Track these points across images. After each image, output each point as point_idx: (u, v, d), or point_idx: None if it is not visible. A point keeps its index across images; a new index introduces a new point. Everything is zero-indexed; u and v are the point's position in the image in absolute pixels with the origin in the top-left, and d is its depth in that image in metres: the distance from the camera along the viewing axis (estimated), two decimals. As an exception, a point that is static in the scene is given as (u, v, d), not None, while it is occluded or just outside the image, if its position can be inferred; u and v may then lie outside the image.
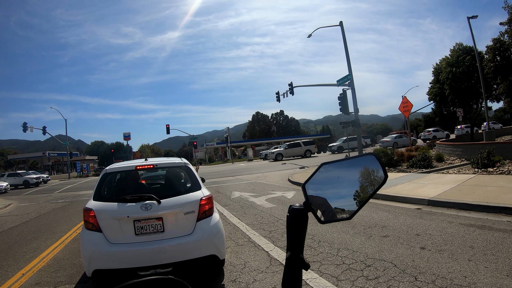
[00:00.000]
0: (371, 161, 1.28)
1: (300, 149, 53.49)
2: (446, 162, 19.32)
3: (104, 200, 6.19)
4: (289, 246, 1.23)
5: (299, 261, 1.19)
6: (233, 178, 28.56)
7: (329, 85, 34.70)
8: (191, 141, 78.98)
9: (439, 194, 10.90)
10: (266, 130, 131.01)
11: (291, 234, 1.22)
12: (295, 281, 1.22)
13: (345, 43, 31.15)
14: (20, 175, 49.50)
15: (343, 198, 1.25)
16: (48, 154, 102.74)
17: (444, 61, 41.52)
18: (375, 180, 1.25)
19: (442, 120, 70.27)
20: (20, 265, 8.39)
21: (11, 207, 22.58)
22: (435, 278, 5.15)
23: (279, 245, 7.85)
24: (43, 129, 58.46)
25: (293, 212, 1.22)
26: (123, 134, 74.02)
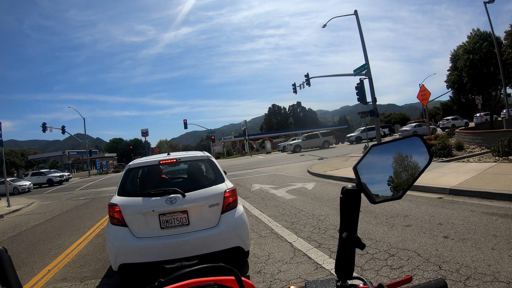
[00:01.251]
0: (417, 143, 1.32)
1: (318, 140, 53.13)
2: (466, 150, 19.12)
3: (129, 195, 6.28)
4: (343, 226, 1.25)
5: (355, 241, 1.23)
6: (252, 170, 28.62)
7: (345, 75, 34.49)
8: (208, 135, 79.16)
9: (460, 183, 10.86)
10: (283, 122, 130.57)
11: (346, 215, 1.25)
12: (350, 261, 1.26)
13: (360, 32, 30.90)
14: (43, 173, 50.31)
15: (378, 184, 1.29)
16: (67, 153, 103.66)
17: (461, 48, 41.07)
18: (408, 166, 1.29)
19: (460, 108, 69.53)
20: (46, 262, 8.57)
21: (34, 206, 22.97)
22: (459, 267, 5.16)
23: (302, 236, 7.91)
24: (62, 129, 58.95)
25: (347, 193, 1.25)
26: (141, 131, 74.45)
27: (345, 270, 1.27)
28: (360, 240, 1.22)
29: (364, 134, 45.23)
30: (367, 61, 30.12)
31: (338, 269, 1.28)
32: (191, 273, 1.31)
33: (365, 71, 29.99)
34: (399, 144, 1.33)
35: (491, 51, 33.89)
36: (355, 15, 31.10)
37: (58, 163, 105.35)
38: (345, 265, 1.27)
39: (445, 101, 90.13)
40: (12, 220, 17.49)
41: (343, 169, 19.63)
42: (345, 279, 1.28)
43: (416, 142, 1.32)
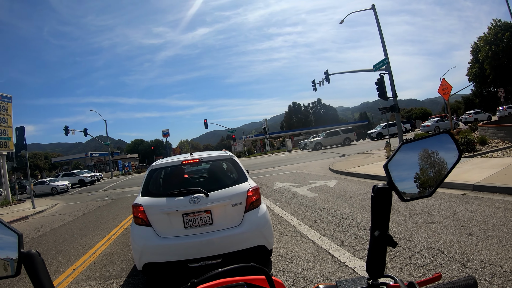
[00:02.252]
0: (446, 139, 1.32)
1: (339, 137, 52.85)
2: (489, 145, 18.77)
3: (152, 195, 6.35)
4: (375, 224, 1.27)
5: (387, 239, 1.24)
6: (274, 169, 28.67)
7: (365, 70, 34.21)
8: (229, 135, 79.42)
9: (484, 178, 10.73)
10: (304, 120, 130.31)
11: (377, 213, 1.26)
12: (381, 259, 1.27)
13: (379, 26, 30.62)
14: (75, 174, 51.07)
15: (405, 181, 1.29)
16: (90, 155, 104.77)
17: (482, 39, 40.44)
18: (435, 162, 1.29)
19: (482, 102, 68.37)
20: (71, 261, 8.76)
21: (58, 207, 23.40)
22: (484, 265, 5.11)
23: (324, 234, 7.91)
24: (84, 131, 59.69)
25: (378, 192, 1.25)
26: (162, 131, 75.17)
27: (376, 268, 1.29)
28: (392, 238, 1.24)
29: (385, 130, 44.92)
30: (386, 56, 29.87)
31: (369, 267, 1.30)
32: (223, 273, 1.34)
33: (384, 66, 29.74)
34: (429, 141, 1.33)
35: (514, 42, 33.25)
36: (372, 9, 30.83)
37: (81, 165, 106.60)
38: (377, 263, 1.28)
39: (467, 95, 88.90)
40: (36, 221, 17.85)
41: (365, 166, 19.54)
42: (376, 277, 1.29)
43: (445, 138, 1.32)
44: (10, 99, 28.34)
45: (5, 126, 27.39)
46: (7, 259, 1.28)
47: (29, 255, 1.24)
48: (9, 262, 1.28)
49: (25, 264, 1.24)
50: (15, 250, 1.27)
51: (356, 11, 34.93)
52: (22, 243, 1.28)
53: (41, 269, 1.24)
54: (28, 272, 1.23)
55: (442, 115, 61.07)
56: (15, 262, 1.26)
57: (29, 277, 1.21)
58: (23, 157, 25.68)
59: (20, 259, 1.26)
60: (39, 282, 1.22)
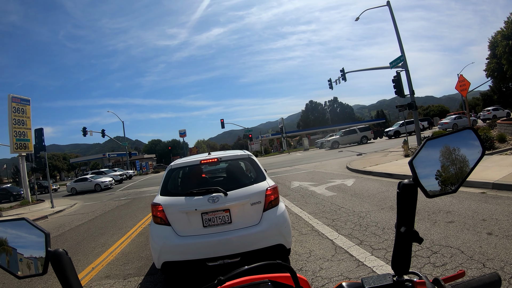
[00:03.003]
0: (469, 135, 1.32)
1: (356, 135, 52.65)
2: (509, 142, 18.50)
3: (171, 194, 6.40)
4: (401, 221, 1.27)
5: (413, 235, 1.24)
6: (291, 168, 28.66)
7: (381, 68, 33.94)
8: (246, 134, 79.57)
9: (504, 176, 10.59)
10: (321, 118, 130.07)
11: (403, 209, 1.27)
12: (407, 255, 1.28)
13: (394, 23, 30.36)
14: (104, 173, 51.08)
15: (427, 178, 1.29)
16: (108, 155, 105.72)
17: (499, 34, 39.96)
18: (456, 159, 1.29)
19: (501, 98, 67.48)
20: (90, 260, 8.89)
21: (77, 207, 23.70)
22: (503, 264, 5.07)
23: (343, 233, 7.91)
24: (102, 132, 60.32)
25: (404, 188, 1.26)
26: (179, 132, 75.62)
27: (401, 264, 1.29)
28: (418, 234, 1.25)
29: (403, 128, 44.57)
30: (402, 52, 29.62)
31: (395, 264, 1.31)
32: (249, 270, 1.36)
33: (401, 63, 29.49)
34: (453, 137, 1.33)
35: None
36: (388, 6, 30.58)
37: (99, 165, 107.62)
38: (402, 260, 1.29)
39: (485, 91, 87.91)
40: (56, 220, 18.12)
41: (382, 165, 19.42)
42: (401, 273, 1.30)
43: (468, 134, 1.32)
44: (28, 101, 28.69)
45: (24, 128, 27.75)
46: (30, 258, 1.30)
47: (56, 254, 1.27)
48: (32, 261, 1.30)
49: (52, 262, 1.27)
50: (42, 249, 1.30)
51: (371, 8, 34.68)
52: (49, 242, 1.31)
53: (68, 267, 1.26)
54: (55, 270, 1.26)
55: (460, 112, 60.46)
56: (39, 261, 1.30)
57: (56, 276, 1.25)
58: (42, 158, 26.01)
59: (47, 258, 1.29)
60: (66, 280, 1.25)
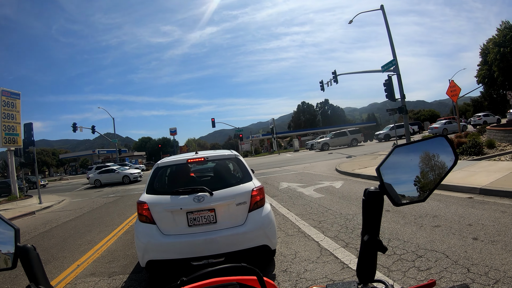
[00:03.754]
0: (441, 143, 1.30)
1: (346, 138, 52.66)
2: (497, 148, 18.66)
3: (157, 193, 6.37)
4: (366, 229, 1.25)
5: (377, 244, 1.22)
6: (280, 169, 28.69)
7: (373, 71, 34.13)
8: (236, 134, 79.58)
9: (491, 182, 10.62)
10: (311, 120, 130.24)
11: (368, 217, 1.24)
12: (371, 264, 1.26)
13: (387, 27, 30.54)
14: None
15: (404, 184, 1.28)
16: (97, 152, 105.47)
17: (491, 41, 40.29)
18: (435, 166, 1.28)
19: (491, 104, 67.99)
20: (75, 257, 8.82)
21: (65, 203, 23.56)
22: (488, 270, 5.07)
23: (329, 235, 7.90)
24: (92, 128, 59.92)
25: (370, 195, 1.24)
26: (169, 130, 75.38)
27: (366, 273, 1.28)
28: (382, 243, 1.22)
29: (393, 131, 44.90)
30: (395, 56, 29.79)
31: (360, 272, 1.29)
32: (214, 272, 1.34)
33: (393, 67, 29.67)
34: (424, 144, 1.32)
35: (523, 44, 33.06)
36: (381, 10, 30.75)
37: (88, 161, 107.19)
38: (367, 268, 1.27)
39: (476, 97, 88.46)
40: (43, 216, 17.96)
41: (371, 168, 19.46)
42: (366, 281, 1.28)
43: (441, 142, 1.31)
44: (18, 95, 28.54)
45: (13, 122, 27.60)
46: (8, 253, 1.32)
47: (25, 249, 1.27)
48: (9, 256, 1.31)
49: (21, 257, 1.28)
50: (11, 244, 1.31)
51: (365, 11, 34.85)
52: (18, 237, 1.31)
53: (35, 262, 1.27)
54: (23, 265, 1.27)
55: (450, 118, 60.85)
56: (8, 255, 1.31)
57: (24, 270, 1.25)
58: (31, 153, 25.78)
59: (16, 253, 1.29)
60: (33, 275, 1.25)
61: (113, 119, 67.99)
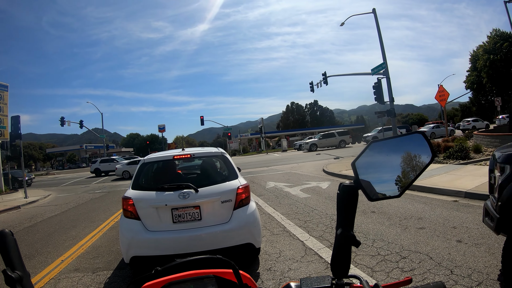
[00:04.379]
0: (418, 140, 1.29)
1: (335, 139, 52.92)
2: (483, 153, 18.80)
3: (143, 189, 6.35)
4: (339, 223, 1.25)
5: (350, 238, 1.22)
6: (268, 168, 28.74)
7: (363, 74, 34.25)
8: (225, 132, 79.42)
9: (476, 186, 10.72)
10: (300, 121, 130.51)
11: (342, 211, 1.24)
12: (345, 259, 1.25)
13: (378, 31, 30.67)
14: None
15: (385, 183, 1.28)
16: (85, 147, 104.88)
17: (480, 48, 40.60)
18: (417, 166, 1.26)
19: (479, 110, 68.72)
20: (60, 252, 8.73)
21: (50, 198, 23.30)
22: (471, 272, 5.11)
23: (314, 235, 7.92)
24: (80, 123, 59.51)
25: (344, 190, 1.24)
26: (158, 126, 75.12)
27: (340, 267, 1.27)
28: (355, 238, 1.22)
29: (381, 134, 44.99)
30: (385, 60, 29.92)
31: (334, 266, 1.28)
32: (189, 263, 1.34)
33: (383, 71, 29.80)
34: (400, 140, 1.31)
35: None
36: (373, 13, 30.89)
37: (76, 156, 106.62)
38: (341, 263, 1.27)
39: (464, 103, 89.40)
40: (28, 211, 17.76)
41: (358, 169, 19.49)
42: (340, 276, 1.27)
43: (418, 139, 1.29)
44: (6, 87, 28.24)
45: (0, 115, 27.29)
46: None
47: (2, 234, 1.26)
48: None
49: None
50: None
51: (357, 14, 34.98)
52: None
53: (12, 248, 1.25)
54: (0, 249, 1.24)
55: (438, 122, 61.40)
56: None
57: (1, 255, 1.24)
58: (18, 147, 25.46)
59: None
60: (9, 260, 1.24)
61: (102, 114, 67.75)
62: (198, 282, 1.52)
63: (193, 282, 1.52)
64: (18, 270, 1.23)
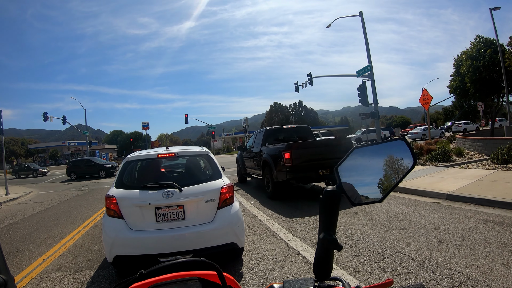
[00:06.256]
0: (400, 146, 1.31)
1: (319, 140, 52.74)
2: (465, 156, 19.10)
3: (126, 187, 6.30)
4: (322, 227, 1.26)
5: (332, 242, 1.22)
6: (251, 168, 28.51)
7: (348, 76, 34.38)
8: (209, 131, 79.24)
9: (458, 188, 10.87)
10: (285, 121, 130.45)
11: (325, 216, 1.26)
12: (328, 262, 1.27)
13: (365, 33, 30.80)
14: None
15: (368, 186, 1.29)
16: (67, 143, 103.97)
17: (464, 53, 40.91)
18: (399, 169, 1.28)
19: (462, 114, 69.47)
20: (42, 251, 8.61)
21: (32, 195, 23.03)
22: (452, 272, 5.18)
23: (297, 235, 7.94)
24: (63, 119, 58.75)
25: (327, 194, 1.25)
26: (142, 124, 74.39)
27: (323, 270, 1.29)
28: (337, 242, 1.23)
29: (365, 135, 45.25)
30: (370, 62, 30.07)
31: (316, 269, 1.29)
32: (173, 266, 1.34)
33: (368, 73, 29.93)
34: (383, 146, 1.33)
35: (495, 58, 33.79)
36: (360, 16, 31.01)
37: (58, 153, 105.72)
38: (323, 266, 1.28)
39: (447, 106, 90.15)
40: (9, 208, 17.51)
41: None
42: (323, 279, 1.29)
43: (400, 145, 1.31)
44: (-12, 82, 27.81)
45: (-19, 110, 26.92)
46: None
47: None
48: None
49: None
50: None
51: (344, 17, 35.15)
52: None
53: None
54: None
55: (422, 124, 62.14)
56: None
57: None
58: (-1, 142, 25.19)
59: None
60: None
61: (85, 110, 66.92)
62: (182, 284, 1.52)
63: (177, 284, 1.52)
64: (2, 274, 1.22)
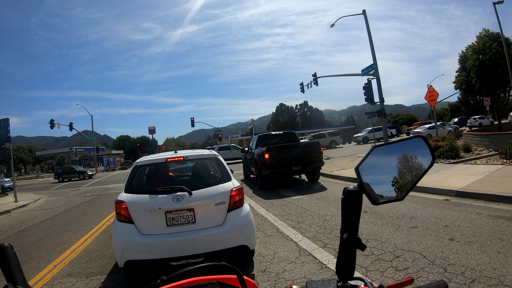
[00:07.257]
0: (419, 143, 1.32)
1: (325, 140, 52.71)
2: (473, 152, 18.96)
3: (136, 192, 6.29)
4: (345, 227, 1.25)
5: (356, 242, 1.22)
6: (258, 170, 28.48)
7: (353, 75, 34.32)
8: (215, 134, 79.06)
9: (467, 185, 10.82)
10: (291, 122, 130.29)
11: (347, 216, 1.25)
12: (351, 262, 1.26)
13: (368, 32, 30.73)
14: None
15: (382, 184, 1.29)
16: (75, 150, 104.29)
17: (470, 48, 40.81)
18: (413, 167, 1.28)
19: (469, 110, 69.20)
20: (52, 257, 8.63)
21: (41, 202, 23.10)
22: (464, 269, 5.15)
23: (307, 236, 7.92)
24: (70, 125, 59.11)
25: (349, 194, 1.24)
26: (148, 128, 74.56)
27: (346, 270, 1.28)
28: (361, 241, 1.23)
29: (371, 134, 45.21)
30: (375, 61, 30.00)
31: (339, 270, 1.29)
32: (194, 271, 1.33)
33: (373, 71, 29.86)
34: (402, 145, 1.33)
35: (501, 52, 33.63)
36: (363, 14, 30.96)
37: (66, 159, 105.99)
38: (346, 266, 1.28)
39: (453, 102, 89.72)
40: (19, 215, 17.60)
41: (349, 169, 19.54)
42: (346, 279, 1.29)
43: (419, 143, 1.32)
44: (-6, 90, 27.97)
45: (-11, 118, 27.03)
46: None
47: (1, 248, 1.25)
48: None
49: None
50: None
51: (347, 16, 35.15)
52: None
53: (13, 262, 1.24)
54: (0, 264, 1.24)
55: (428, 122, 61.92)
56: None
57: (1, 269, 1.23)
58: (7, 150, 25.22)
59: None
60: (10, 275, 1.23)
61: (91, 116, 67.29)
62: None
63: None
64: (20, 285, 1.23)
